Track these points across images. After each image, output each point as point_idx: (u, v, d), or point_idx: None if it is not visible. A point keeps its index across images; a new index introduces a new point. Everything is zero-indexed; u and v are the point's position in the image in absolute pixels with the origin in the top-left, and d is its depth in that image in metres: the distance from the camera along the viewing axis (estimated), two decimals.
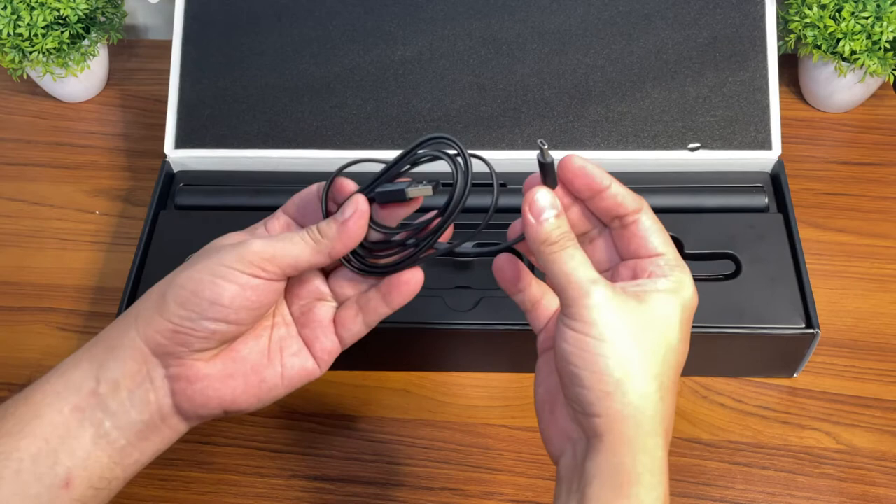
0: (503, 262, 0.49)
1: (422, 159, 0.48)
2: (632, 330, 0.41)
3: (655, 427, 0.40)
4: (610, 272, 0.47)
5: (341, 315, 0.50)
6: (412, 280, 0.48)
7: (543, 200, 0.43)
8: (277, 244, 0.45)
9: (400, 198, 0.48)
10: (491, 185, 0.75)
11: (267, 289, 0.45)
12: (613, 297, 0.41)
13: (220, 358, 0.47)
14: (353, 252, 0.49)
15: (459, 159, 0.48)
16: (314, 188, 0.49)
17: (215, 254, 0.45)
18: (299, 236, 0.46)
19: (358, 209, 0.46)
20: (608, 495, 0.39)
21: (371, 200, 0.48)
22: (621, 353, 0.40)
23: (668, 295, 0.42)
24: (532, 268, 0.54)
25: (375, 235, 0.49)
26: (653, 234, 0.45)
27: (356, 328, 0.49)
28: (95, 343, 0.47)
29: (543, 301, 0.49)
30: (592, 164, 0.45)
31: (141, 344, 0.45)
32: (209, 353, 0.46)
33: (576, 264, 0.42)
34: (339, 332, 0.49)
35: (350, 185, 0.48)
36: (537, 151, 0.44)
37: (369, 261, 0.49)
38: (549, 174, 0.44)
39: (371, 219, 0.47)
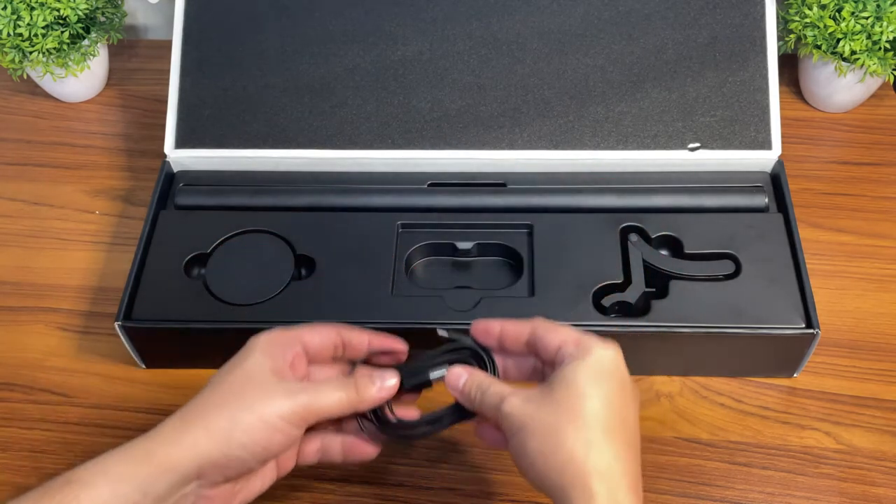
0: (482, 431, 0.54)
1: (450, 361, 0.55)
2: (552, 412, 0.46)
3: (616, 487, 0.45)
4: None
5: (305, 446, 0.55)
6: (371, 451, 0.55)
7: (452, 379, 0.52)
8: (323, 399, 0.51)
9: (425, 384, 0.56)
10: (492, 184, 0.75)
11: (299, 434, 0.52)
12: (525, 397, 0.48)
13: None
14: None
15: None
16: (336, 336, 0.55)
17: (270, 397, 0.50)
18: (343, 391, 0.52)
19: (387, 386, 0.53)
20: None
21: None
22: (548, 436, 0.46)
23: (567, 366, 0.48)
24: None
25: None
26: (547, 331, 0.51)
27: (311, 459, 0.55)
28: (131, 454, 0.49)
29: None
30: (485, 321, 0.54)
31: (189, 468, 0.48)
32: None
33: (490, 395, 0.50)
34: (299, 458, 0.55)
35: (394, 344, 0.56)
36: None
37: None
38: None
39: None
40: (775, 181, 0.73)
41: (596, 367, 0.48)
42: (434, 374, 0.54)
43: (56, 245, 0.80)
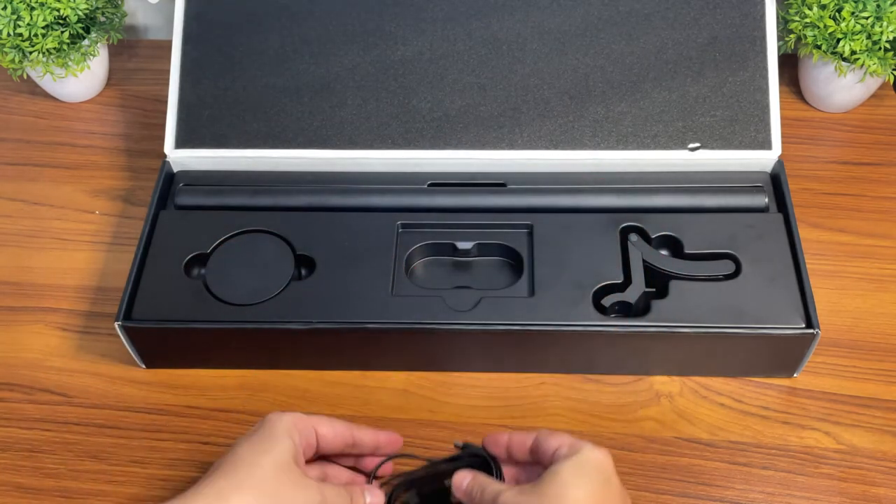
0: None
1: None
2: (536, 499, 0.50)
3: None
4: None
5: None
6: None
7: (457, 480, 0.56)
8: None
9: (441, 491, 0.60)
10: (492, 184, 0.75)
11: None
12: (519, 490, 0.52)
13: None
14: None
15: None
16: (348, 435, 0.59)
17: (300, 493, 0.53)
18: (345, 497, 0.56)
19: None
20: None
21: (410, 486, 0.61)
22: None
23: (558, 463, 0.52)
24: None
25: None
26: (547, 437, 0.54)
27: None
28: None
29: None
30: (495, 434, 0.58)
31: None
32: None
33: (488, 492, 0.53)
34: None
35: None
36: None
37: None
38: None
39: None
40: (775, 181, 0.73)
41: (583, 463, 0.52)
42: (449, 482, 0.58)
43: (56, 245, 0.80)
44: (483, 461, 0.58)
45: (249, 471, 0.52)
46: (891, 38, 0.75)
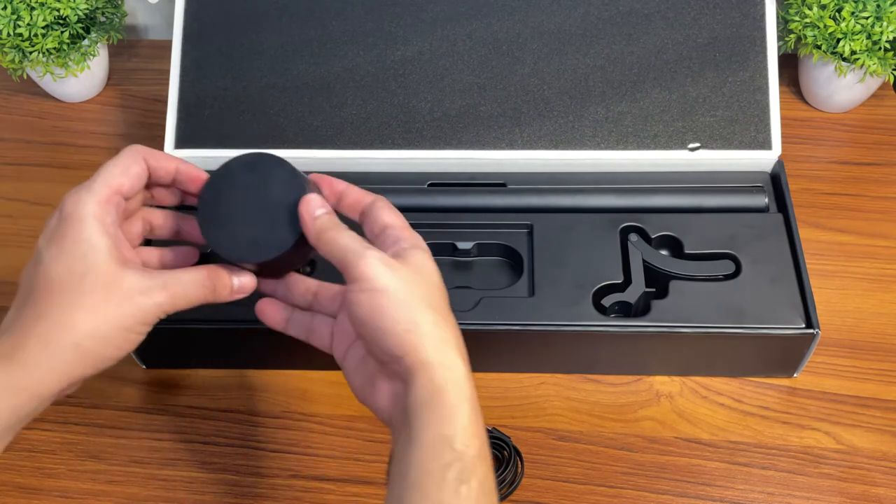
0: (264, 305, 0.55)
1: None
2: (403, 277, 0.47)
3: (447, 344, 0.47)
4: None
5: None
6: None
7: (315, 202, 0.50)
8: (182, 300, 0.50)
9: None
10: (492, 184, 0.75)
11: None
12: (384, 257, 0.48)
13: None
14: None
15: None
16: (142, 167, 0.52)
17: (129, 301, 0.48)
18: (203, 289, 0.51)
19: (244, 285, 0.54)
20: (426, 413, 0.45)
21: None
22: (403, 297, 0.46)
23: (416, 249, 0.49)
24: None
25: None
26: (383, 212, 0.51)
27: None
28: None
29: (314, 324, 0.54)
30: (328, 176, 0.54)
31: (58, 388, 0.49)
32: None
33: (350, 239, 0.48)
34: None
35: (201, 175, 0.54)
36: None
37: None
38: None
39: None
40: (775, 181, 0.73)
41: (430, 262, 0.50)
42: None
43: None
44: (498, 444, 0.60)
45: (66, 288, 0.47)
46: (891, 38, 0.75)
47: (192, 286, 0.51)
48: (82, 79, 0.88)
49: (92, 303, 0.47)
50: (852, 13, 0.75)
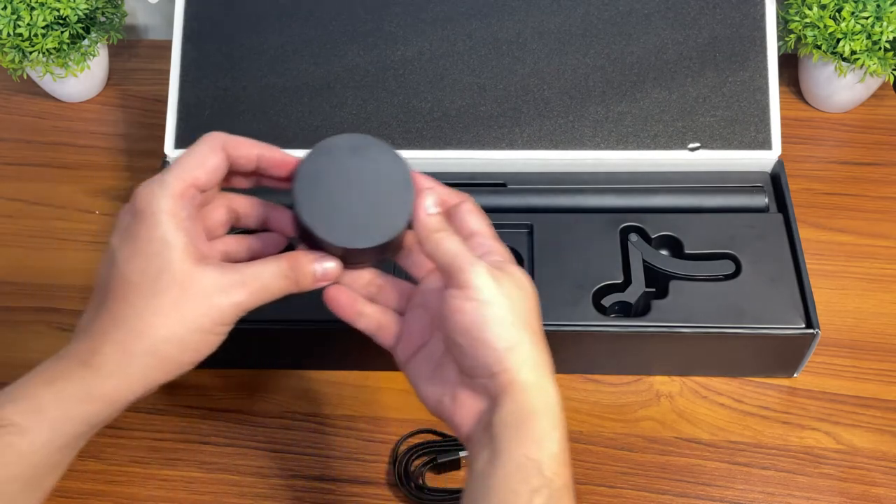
0: (336, 291, 0.52)
1: None
2: (509, 293, 0.46)
3: (544, 369, 0.46)
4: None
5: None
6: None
7: (430, 199, 0.48)
8: (263, 294, 0.48)
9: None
10: (492, 184, 0.75)
11: None
12: (492, 269, 0.46)
13: None
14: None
15: None
16: (222, 159, 0.49)
17: (207, 303, 0.46)
18: (284, 279, 0.48)
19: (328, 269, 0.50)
20: (514, 434, 0.44)
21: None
22: (507, 312, 0.45)
23: (514, 266, 0.48)
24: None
25: None
26: (472, 216, 0.50)
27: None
28: (69, 392, 0.46)
29: (384, 320, 0.52)
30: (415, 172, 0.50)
31: (136, 395, 0.48)
32: None
33: (458, 244, 0.47)
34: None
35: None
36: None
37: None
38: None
39: None
40: (775, 181, 0.73)
41: (529, 281, 0.48)
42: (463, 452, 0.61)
43: (56, 245, 0.80)
44: None
45: (141, 292, 0.45)
46: (891, 38, 0.75)
47: (272, 279, 0.48)
48: (82, 79, 0.88)
49: (168, 305, 0.45)
50: (852, 13, 0.75)
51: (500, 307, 0.45)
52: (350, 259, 0.50)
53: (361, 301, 0.52)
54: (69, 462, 0.48)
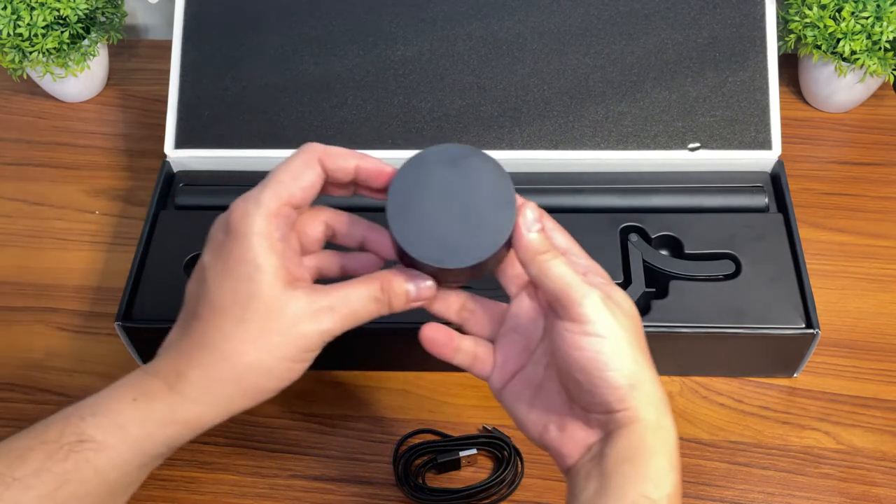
0: (433, 331, 0.49)
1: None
2: (623, 323, 0.44)
3: (665, 406, 0.44)
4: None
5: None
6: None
7: (531, 215, 0.45)
8: (353, 319, 0.46)
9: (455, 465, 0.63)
10: None
11: None
12: (604, 297, 0.44)
13: None
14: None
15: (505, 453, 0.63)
16: (318, 176, 0.47)
17: (295, 331, 0.45)
18: (375, 303, 0.47)
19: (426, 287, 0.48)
20: (629, 470, 0.42)
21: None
22: (626, 347, 0.43)
23: (615, 287, 0.46)
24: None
25: None
26: (556, 232, 0.49)
27: None
28: (151, 414, 0.46)
29: (479, 351, 0.50)
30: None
31: (218, 420, 0.47)
32: None
33: (566, 268, 0.44)
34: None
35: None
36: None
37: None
38: None
39: None
40: (775, 181, 0.73)
41: (633, 304, 0.46)
42: (463, 452, 0.62)
43: (56, 245, 0.80)
44: (500, 445, 0.62)
45: (229, 315, 0.44)
46: (891, 38, 0.75)
47: (362, 303, 0.46)
48: (82, 79, 0.88)
49: (254, 332, 0.44)
50: (852, 13, 0.75)
51: (619, 340, 0.43)
52: (443, 278, 0.48)
53: (458, 337, 0.49)
54: (142, 481, 0.47)
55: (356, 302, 0.46)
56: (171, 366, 0.45)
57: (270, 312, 0.44)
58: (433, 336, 0.49)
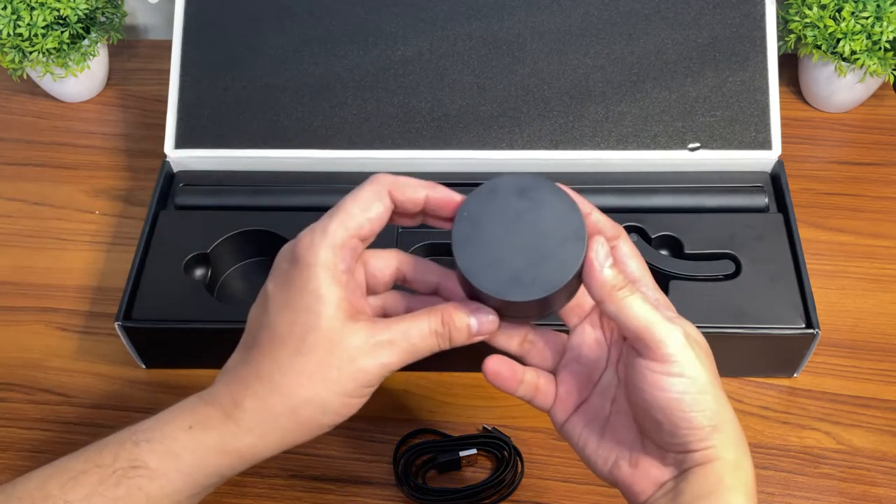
0: (498, 364, 0.48)
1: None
2: (703, 361, 0.43)
3: (744, 446, 0.44)
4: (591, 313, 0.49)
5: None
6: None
7: (603, 250, 0.43)
8: (412, 354, 0.45)
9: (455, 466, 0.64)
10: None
11: None
12: (685, 335, 0.43)
13: None
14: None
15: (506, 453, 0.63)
16: (387, 207, 0.46)
17: (354, 366, 0.44)
18: (436, 338, 0.45)
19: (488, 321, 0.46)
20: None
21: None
22: (708, 387, 0.43)
23: (685, 321, 0.45)
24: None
25: None
26: (630, 260, 0.47)
27: None
28: (206, 444, 0.45)
29: (541, 382, 0.49)
30: (575, 192, 0.46)
31: (273, 454, 0.46)
32: None
33: (649, 308, 0.43)
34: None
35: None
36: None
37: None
38: None
39: None
40: (775, 181, 0.73)
41: (703, 337, 0.45)
42: (463, 452, 0.63)
43: (56, 245, 0.80)
44: (500, 445, 0.62)
45: (289, 349, 0.43)
46: (891, 38, 0.75)
47: (422, 337, 0.45)
48: (82, 79, 0.88)
49: (312, 366, 0.43)
50: (852, 13, 0.75)
51: (701, 380, 0.42)
52: (507, 312, 0.46)
53: (521, 370, 0.48)
54: None
55: (416, 336, 0.45)
56: (228, 394, 0.45)
57: (330, 347, 0.43)
58: (497, 369, 0.47)
